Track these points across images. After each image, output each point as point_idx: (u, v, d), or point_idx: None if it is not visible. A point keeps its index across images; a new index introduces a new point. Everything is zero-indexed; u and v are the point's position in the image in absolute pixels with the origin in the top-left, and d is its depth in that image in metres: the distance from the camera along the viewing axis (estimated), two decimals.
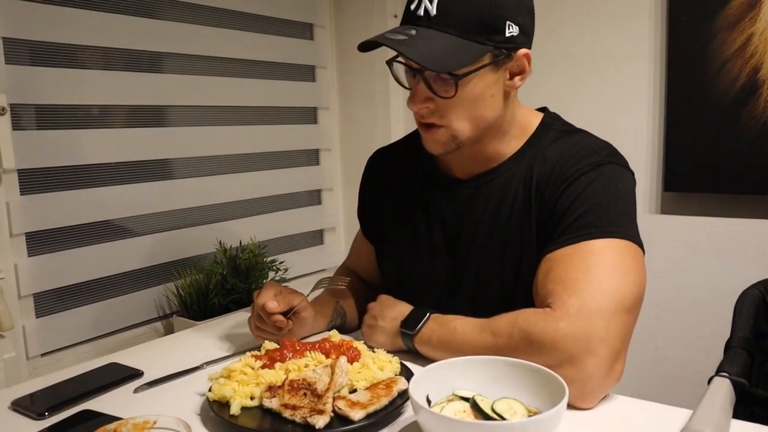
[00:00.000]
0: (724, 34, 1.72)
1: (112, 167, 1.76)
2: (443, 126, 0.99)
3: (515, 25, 0.95)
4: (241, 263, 1.91)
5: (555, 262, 0.95)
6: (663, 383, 1.89)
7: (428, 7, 0.92)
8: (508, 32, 0.95)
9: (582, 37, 1.98)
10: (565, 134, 1.07)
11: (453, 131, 0.99)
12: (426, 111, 0.99)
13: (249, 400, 0.86)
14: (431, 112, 0.99)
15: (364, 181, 1.31)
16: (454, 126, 0.99)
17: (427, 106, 0.98)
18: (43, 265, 1.61)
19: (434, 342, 0.99)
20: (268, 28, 2.18)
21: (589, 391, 0.86)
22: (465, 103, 0.97)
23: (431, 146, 1.03)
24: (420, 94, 0.97)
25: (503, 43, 0.95)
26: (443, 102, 0.97)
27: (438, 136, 1.01)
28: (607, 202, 0.97)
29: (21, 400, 0.95)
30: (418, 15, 0.94)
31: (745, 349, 1.06)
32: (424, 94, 0.97)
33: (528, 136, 1.08)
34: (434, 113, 0.99)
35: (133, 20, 1.77)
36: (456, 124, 0.99)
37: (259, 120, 2.18)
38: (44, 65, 1.61)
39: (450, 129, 0.99)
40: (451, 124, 0.99)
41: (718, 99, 1.75)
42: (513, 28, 0.95)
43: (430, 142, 1.03)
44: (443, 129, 1.00)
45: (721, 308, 1.64)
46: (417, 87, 0.97)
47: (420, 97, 0.97)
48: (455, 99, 0.96)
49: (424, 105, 0.98)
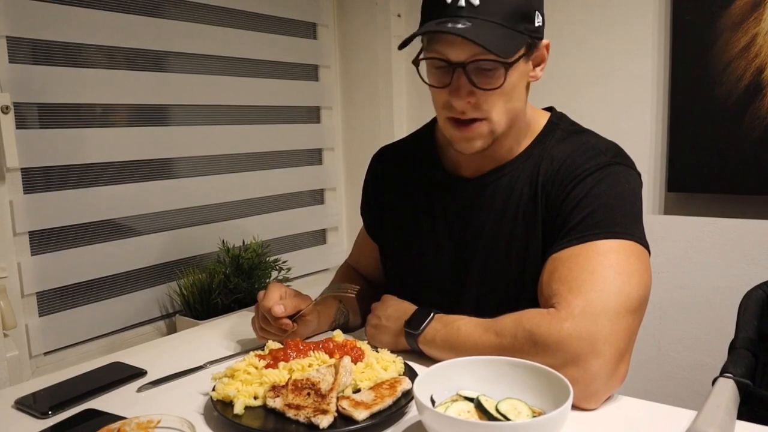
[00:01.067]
0: (728, 34, 1.72)
1: (116, 166, 1.76)
2: (484, 119, 0.97)
3: (541, 14, 0.97)
4: (244, 263, 1.91)
5: (560, 261, 0.94)
6: (666, 384, 1.89)
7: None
8: (536, 22, 0.96)
9: (586, 37, 1.98)
10: (572, 134, 1.07)
11: (492, 125, 0.98)
12: (468, 106, 0.96)
13: (252, 399, 0.87)
14: (472, 107, 0.97)
15: (369, 178, 1.30)
16: (494, 119, 0.97)
17: (469, 101, 0.96)
18: (46, 264, 1.61)
19: (438, 342, 0.99)
20: (272, 27, 2.18)
21: (594, 391, 0.85)
22: (505, 94, 0.96)
23: (467, 145, 1.00)
24: (464, 89, 0.95)
25: (534, 32, 0.96)
26: (484, 95, 0.95)
27: (479, 131, 0.98)
28: (614, 202, 0.97)
29: (24, 398, 0.95)
30: (459, 6, 0.91)
31: (749, 350, 1.06)
32: (467, 88, 0.95)
33: (535, 135, 1.08)
34: (475, 108, 0.97)
35: (137, 19, 1.77)
36: (495, 116, 0.97)
37: (262, 119, 2.18)
38: (48, 64, 1.61)
39: (490, 122, 0.98)
40: (491, 117, 0.97)
41: (722, 99, 1.75)
42: (539, 18, 0.96)
43: (466, 141, 1.00)
44: (484, 122, 0.98)
45: (724, 309, 1.64)
46: (459, 82, 0.94)
47: (464, 91, 0.95)
48: (498, 90, 0.94)
49: (467, 100, 0.96)
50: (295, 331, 1.09)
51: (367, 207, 1.31)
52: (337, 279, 1.37)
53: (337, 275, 1.39)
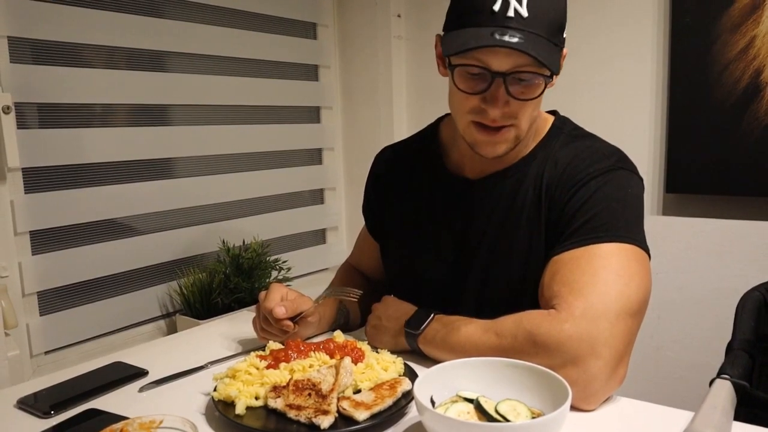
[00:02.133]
0: (727, 36, 1.73)
1: (116, 166, 1.77)
2: (512, 126, 0.99)
3: (565, 26, 0.98)
4: (244, 262, 1.91)
5: (562, 264, 0.95)
6: (664, 384, 1.89)
7: (519, 9, 0.91)
8: (565, 33, 0.98)
9: (585, 39, 1.98)
10: (575, 138, 1.07)
11: (519, 131, 1.00)
12: (501, 114, 0.97)
13: (254, 400, 0.87)
14: (504, 116, 0.97)
15: (370, 177, 1.30)
16: (521, 126, 0.99)
17: (503, 110, 0.97)
18: (47, 264, 1.62)
19: (438, 342, 0.99)
20: (272, 27, 2.19)
21: (592, 393, 0.86)
22: (535, 103, 0.99)
23: (491, 149, 1.01)
24: (502, 99, 0.95)
25: (563, 43, 0.98)
26: (517, 104, 0.96)
27: (507, 136, 0.99)
28: (617, 206, 0.97)
29: (26, 398, 0.96)
30: (508, 16, 0.91)
31: (746, 351, 1.06)
32: (505, 98, 0.96)
33: (540, 138, 1.08)
34: (507, 116, 0.98)
35: (137, 19, 1.78)
36: (523, 124, 0.99)
37: (263, 119, 2.18)
38: (48, 64, 1.61)
39: (518, 129, 0.99)
40: (520, 125, 0.99)
41: (721, 101, 1.75)
42: (565, 30, 0.98)
43: (491, 145, 1.00)
44: (512, 128, 0.99)
45: (722, 309, 1.64)
46: (498, 92, 0.95)
47: (502, 101, 0.96)
48: (531, 101, 0.97)
49: (504, 109, 0.96)
50: (296, 332, 1.09)
51: (369, 206, 1.31)
52: (338, 278, 1.37)
53: (338, 275, 1.39)
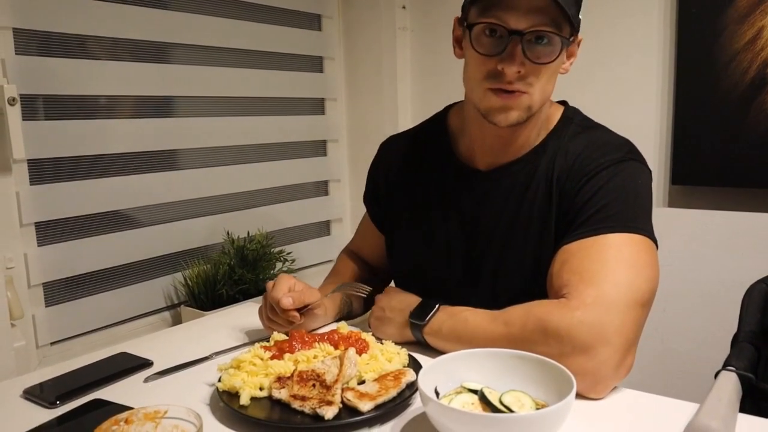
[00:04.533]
0: (734, 26, 1.71)
1: (121, 157, 1.77)
2: (526, 93, 0.98)
3: (581, 8, 0.99)
4: (248, 254, 1.92)
5: (571, 253, 0.95)
6: (669, 376, 1.89)
7: None
8: (580, 14, 0.98)
9: (591, 29, 1.96)
10: (586, 129, 1.07)
11: (532, 100, 0.98)
12: (517, 76, 0.96)
13: (258, 390, 0.87)
14: (519, 78, 0.96)
15: (375, 165, 1.29)
16: (535, 95, 0.98)
17: (518, 71, 0.96)
18: (53, 255, 1.62)
19: (444, 332, 0.99)
20: (276, 18, 2.18)
21: (600, 380, 0.86)
22: (549, 73, 0.98)
23: (505, 116, 0.99)
24: (519, 57, 0.94)
25: (578, 24, 0.98)
26: (533, 68, 0.95)
27: (520, 102, 0.98)
28: (627, 197, 0.98)
29: (32, 388, 0.96)
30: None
31: (752, 343, 1.06)
32: (521, 58, 0.95)
33: (550, 128, 1.08)
34: (521, 79, 0.97)
35: (142, 11, 1.77)
36: (537, 93, 0.98)
37: (267, 111, 2.18)
38: (54, 56, 1.61)
39: (531, 97, 0.98)
40: (533, 93, 0.98)
41: (727, 92, 1.74)
42: (580, 12, 0.98)
43: (505, 111, 0.99)
44: (525, 96, 0.98)
45: (728, 302, 1.64)
46: (515, 50, 0.94)
47: (518, 59, 0.94)
48: (546, 66, 0.96)
49: (520, 68, 0.95)
50: (302, 323, 1.09)
51: (373, 196, 1.30)
52: (340, 265, 1.38)
53: (339, 262, 1.39)
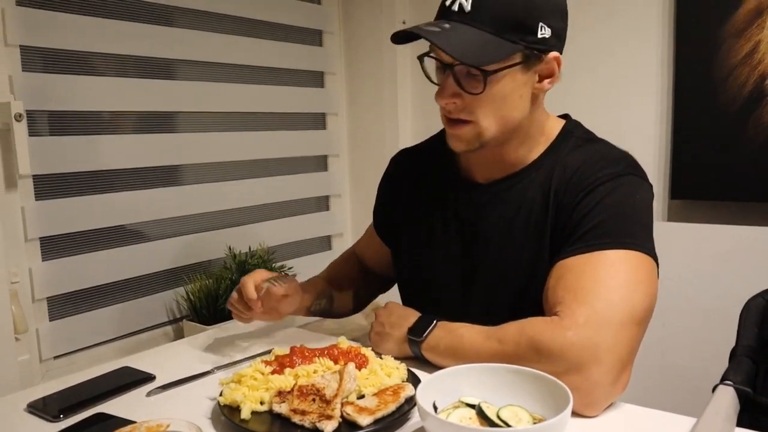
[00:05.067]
0: (732, 41, 1.73)
1: (125, 173, 1.79)
2: (470, 122, 0.99)
3: (548, 27, 0.96)
4: (250, 268, 1.93)
5: (567, 269, 0.95)
6: (669, 390, 1.89)
7: (463, 3, 0.93)
8: (540, 33, 0.96)
9: (591, 44, 1.99)
10: (585, 142, 1.07)
11: (479, 128, 0.99)
12: (453, 106, 0.99)
13: (259, 404, 0.88)
14: (458, 108, 0.99)
15: (387, 178, 1.31)
16: (481, 123, 0.99)
17: (454, 102, 0.98)
18: (57, 269, 1.64)
19: (441, 349, 1.00)
20: (278, 35, 2.21)
21: (594, 399, 0.86)
22: (493, 100, 0.97)
23: (455, 143, 1.03)
24: (449, 89, 0.97)
25: (535, 43, 0.96)
26: (471, 98, 0.97)
27: (463, 133, 1.00)
28: (625, 213, 0.97)
29: (36, 402, 0.97)
30: (452, 10, 0.95)
31: (749, 357, 1.07)
32: (452, 89, 0.97)
33: (549, 142, 1.08)
34: (462, 110, 0.99)
35: (147, 28, 1.80)
36: (483, 121, 0.99)
37: (269, 126, 2.20)
38: (59, 72, 1.63)
39: (477, 126, 0.99)
40: (479, 122, 0.99)
41: (726, 106, 1.76)
42: (545, 30, 0.96)
43: (454, 139, 1.03)
44: (470, 125, 0.99)
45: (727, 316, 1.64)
46: (446, 81, 0.98)
47: (448, 91, 0.97)
48: (483, 96, 0.96)
49: (451, 100, 0.98)
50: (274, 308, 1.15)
51: (381, 207, 1.32)
52: (335, 264, 1.41)
53: (338, 261, 1.42)
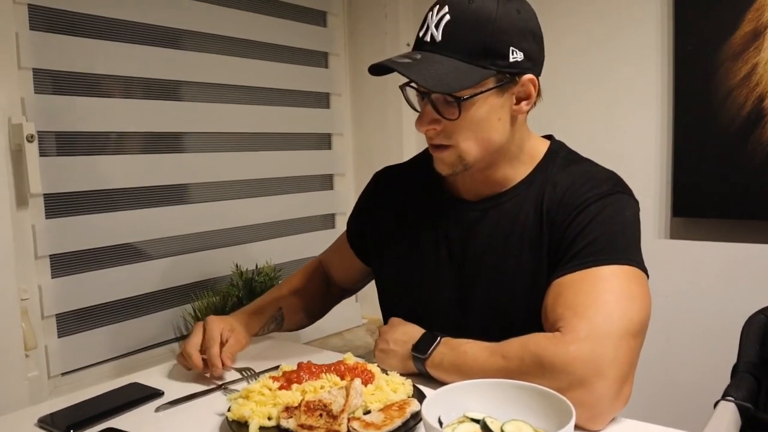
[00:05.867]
0: (729, 63, 1.76)
1: (133, 192, 1.81)
2: (451, 146, 1.03)
3: (519, 50, 0.99)
4: (256, 286, 1.94)
5: (564, 287, 0.97)
6: (672, 406, 1.89)
7: (434, 34, 0.98)
8: (512, 57, 0.98)
9: (591, 67, 2.02)
10: (571, 162, 1.10)
11: (460, 152, 1.03)
12: (433, 132, 1.03)
13: (267, 420, 0.89)
14: (438, 134, 1.03)
15: (368, 194, 1.33)
16: (461, 147, 1.03)
17: (434, 128, 1.02)
18: (66, 287, 1.65)
19: (445, 365, 1.01)
20: (285, 56, 2.24)
21: (599, 413, 0.88)
22: (470, 125, 1.01)
23: (440, 166, 1.08)
24: (427, 116, 1.02)
25: (507, 67, 0.99)
26: (450, 124, 1.01)
27: (445, 157, 1.05)
28: (616, 230, 1.00)
29: (46, 417, 0.99)
30: (425, 41, 0.99)
31: (751, 373, 1.08)
32: (430, 116, 1.02)
33: (536, 162, 1.11)
34: (441, 135, 1.03)
35: (154, 50, 1.83)
36: (463, 145, 1.02)
37: (275, 146, 2.23)
38: (69, 94, 1.66)
39: (457, 150, 1.03)
40: (459, 145, 1.03)
41: (725, 127, 1.78)
42: (517, 54, 0.99)
43: (439, 162, 1.07)
44: (451, 150, 1.03)
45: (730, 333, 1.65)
46: (425, 109, 1.03)
47: (427, 118, 1.02)
48: (460, 121, 1.00)
49: (430, 126, 1.03)
50: None
51: (358, 222, 1.34)
52: (304, 276, 1.42)
53: (306, 272, 1.43)
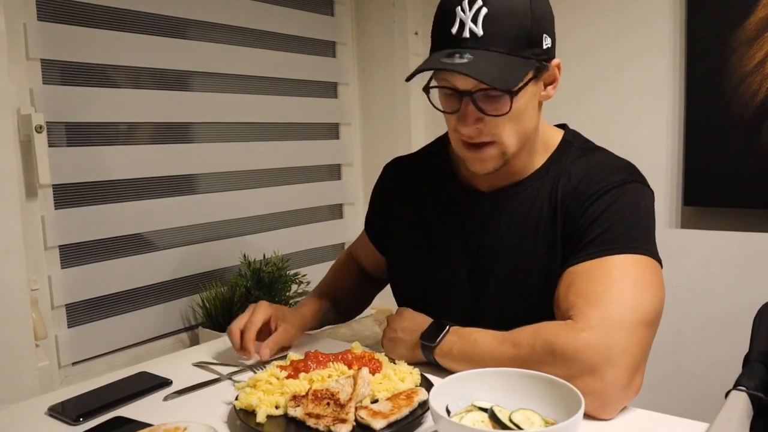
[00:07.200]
0: (743, 49, 1.73)
1: (141, 182, 1.82)
2: (494, 143, 1.00)
3: (549, 36, 0.98)
4: (264, 276, 1.95)
5: (577, 275, 0.96)
6: (683, 396, 1.88)
7: (473, 29, 0.93)
8: (545, 44, 0.98)
9: (602, 50, 2.00)
10: (587, 152, 1.09)
11: (503, 147, 1.00)
12: (476, 131, 0.99)
13: (274, 408, 0.89)
14: (480, 132, 0.99)
15: (380, 187, 1.32)
16: (505, 142, 1.00)
17: (477, 127, 0.98)
18: (75, 277, 1.67)
19: (455, 354, 1.00)
20: (292, 46, 2.24)
21: (609, 401, 0.87)
22: (514, 118, 0.98)
23: (480, 166, 1.03)
24: (471, 115, 0.97)
25: (542, 55, 0.98)
26: (492, 120, 0.98)
27: (489, 155, 1.01)
28: (631, 219, 0.99)
29: (56, 406, 0.99)
30: (464, 37, 0.94)
31: (763, 363, 1.06)
32: (474, 115, 0.97)
33: (550, 152, 1.09)
34: (484, 133, 0.99)
35: (162, 40, 1.83)
36: (506, 140, 1.00)
37: (283, 136, 2.23)
38: (78, 84, 1.67)
39: (500, 145, 1.00)
40: (502, 141, 1.00)
41: (738, 114, 1.75)
42: (548, 40, 0.98)
43: (478, 162, 1.03)
44: (494, 146, 1.00)
45: (741, 322, 1.64)
46: (467, 109, 0.97)
47: (471, 118, 0.97)
48: (506, 116, 0.97)
49: (475, 126, 0.98)
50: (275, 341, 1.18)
51: (374, 216, 1.34)
52: (339, 269, 1.46)
53: (339, 265, 1.47)
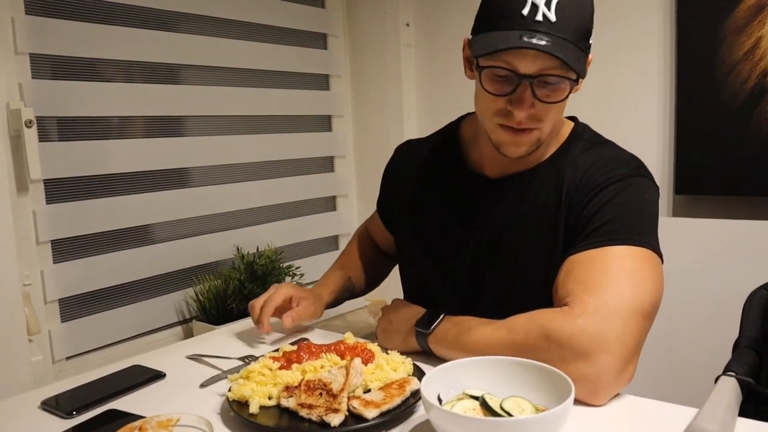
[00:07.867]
0: (733, 37, 1.73)
1: (134, 176, 1.81)
2: (536, 129, 1.01)
3: (592, 30, 1.01)
4: (258, 269, 1.95)
5: (576, 263, 0.97)
6: (676, 384, 1.89)
7: (547, 14, 0.93)
8: (591, 38, 1.00)
9: (593, 42, 1.99)
10: (595, 145, 1.09)
11: (542, 133, 1.01)
12: (526, 117, 0.99)
13: (267, 399, 0.90)
14: (530, 117, 0.99)
15: (390, 169, 1.32)
16: (544, 129, 1.01)
17: (529, 112, 0.98)
18: (68, 272, 1.66)
19: (449, 340, 1.01)
20: (283, 38, 2.23)
21: (600, 387, 0.87)
22: (559, 106, 1.00)
23: (514, 150, 1.03)
24: (527, 101, 0.97)
25: (588, 49, 1.00)
26: (543, 107, 0.98)
27: (528, 139, 1.01)
28: (634, 211, 1.00)
29: (49, 400, 0.99)
30: (537, 20, 0.93)
31: (753, 348, 1.07)
32: (530, 101, 0.97)
33: (560, 143, 1.10)
34: (532, 118, 0.99)
35: (152, 34, 1.82)
36: (545, 127, 1.01)
37: (275, 128, 2.22)
38: (68, 79, 1.66)
39: (540, 131, 1.01)
40: (543, 127, 1.01)
41: (728, 102, 1.76)
42: (591, 35, 1.00)
43: (513, 146, 1.02)
44: (534, 132, 1.01)
45: (733, 310, 1.65)
46: (524, 94, 0.97)
47: (527, 103, 0.97)
48: (556, 104, 0.98)
49: (530, 111, 0.98)
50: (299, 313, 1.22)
51: (383, 196, 1.35)
52: (356, 243, 1.45)
53: (356, 239, 1.46)
